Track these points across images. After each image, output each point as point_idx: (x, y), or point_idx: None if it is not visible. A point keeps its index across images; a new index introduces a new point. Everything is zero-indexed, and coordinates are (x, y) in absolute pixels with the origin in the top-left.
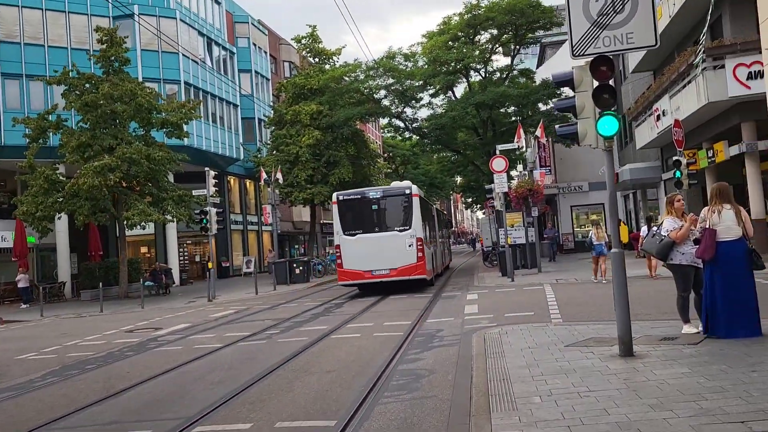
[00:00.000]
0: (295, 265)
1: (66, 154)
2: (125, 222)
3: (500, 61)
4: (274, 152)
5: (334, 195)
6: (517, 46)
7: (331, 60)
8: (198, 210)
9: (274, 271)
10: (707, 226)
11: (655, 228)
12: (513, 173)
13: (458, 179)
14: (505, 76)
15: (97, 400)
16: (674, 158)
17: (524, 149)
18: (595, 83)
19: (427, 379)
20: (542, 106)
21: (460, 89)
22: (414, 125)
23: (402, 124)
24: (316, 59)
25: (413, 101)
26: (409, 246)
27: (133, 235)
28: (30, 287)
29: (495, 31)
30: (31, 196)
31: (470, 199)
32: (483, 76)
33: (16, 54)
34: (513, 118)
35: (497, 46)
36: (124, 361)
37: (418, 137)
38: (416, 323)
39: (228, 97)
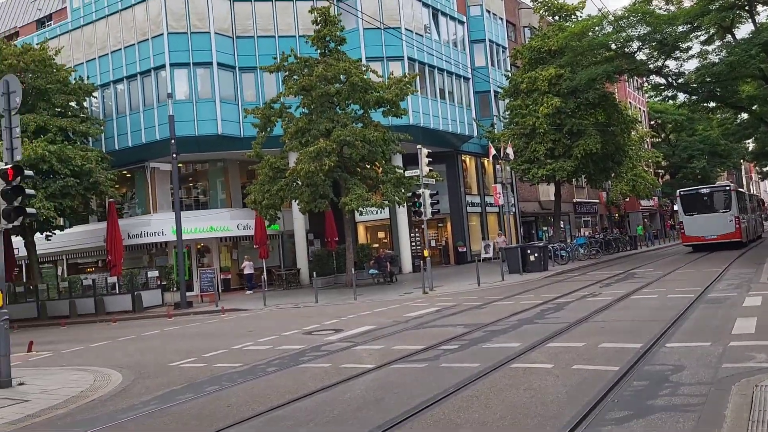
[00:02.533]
0: (529, 252)
1: (285, 141)
2: (344, 208)
3: None
4: (511, 126)
5: (678, 191)
6: None
7: (572, 16)
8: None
9: (506, 259)
10: None
11: None
12: None
13: (750, 145)
14: None
15: None
16: None
17: None
18: None
19: None
20: None
21: (743, 31)
22: (679, 81)
23: (663, 81)
24: (556, 17)
25: (677, 51)
26: (729, 221)
27: (369, 220)
28: (254, 274)
29: None
30: (259, 184)
31: (766, 168)
32: None
33: (251, 47)
34: None
35: None
36: (249, 383)
37: (685, 95)
38: (647, 350)
39: (458, 70)
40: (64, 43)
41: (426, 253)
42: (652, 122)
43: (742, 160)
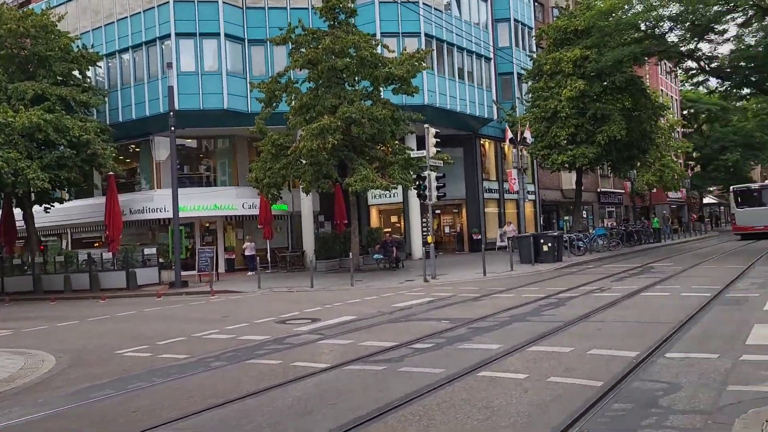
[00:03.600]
0: (542, 241)
1: (289, 118)
2: (348, 189)
3: None
4: (533, 109)
5: (731, 188)
6: None
7: None
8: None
9: (518, 248)
10: None
11: None
12: None
13: None
14: None
15: None
16: None
17: None
18: None
19: None
20: None
21: None
22: (712, 65)
23: (695, 65)
24: None
25: (711, 33)
26: None
27: (383, 203)
28: (255, 255)
29: None
30: (261, 162)
31: None
32: None
33: (261, 19)
34: None
35: None
36: (181, 380)
37: (718, 80)
38: (642, 360)
39: (479, 49)
40: (71, 10)
41: (430, 239)
42: (685, 112)
43: None
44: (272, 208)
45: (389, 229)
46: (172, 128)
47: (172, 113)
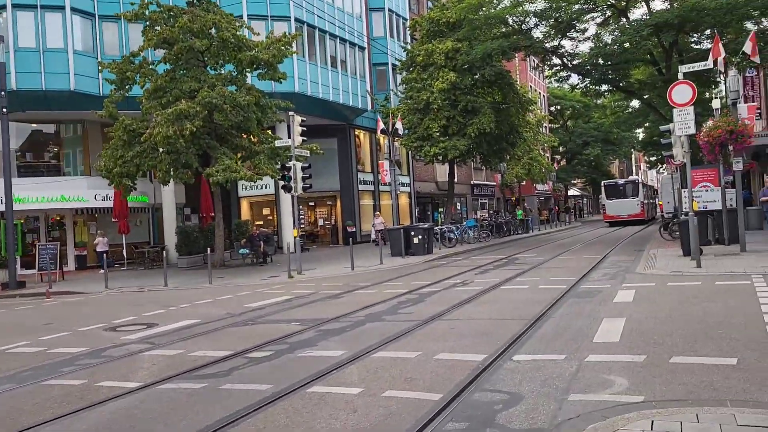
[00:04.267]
0: (413, 234)
1: (143, 101)
2: (210, 179)
3: None
4: (407, 101)
5: (603, 182)
6: None
7: None
8: (280, 165)
9: (389, 241)
10: None
11: None
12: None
13: (640, 134)
14: None
15: None
16: None
17: (720, 73)
18: None
19: None
20: (751, 26)
21: (636, 15)
22: (574, 62)
23: (559, 61)
24: None
25: (572, 31)
26: (636, 205)
27: (253, 195)
28: (108, 251)
29: None
30: (111, 149)
31: (653, 158)
32: None
33: None
34: (708, 45)
35: None
36: None
37: (579, 77)
38: (488, 365)
39: (353, 38)
40: None
41: (295, 232)
42: (552, 108)
43: (632, 149)
44: (129, 200)
45: (261, 222)
46: (4, 110)
47: (3, 93)
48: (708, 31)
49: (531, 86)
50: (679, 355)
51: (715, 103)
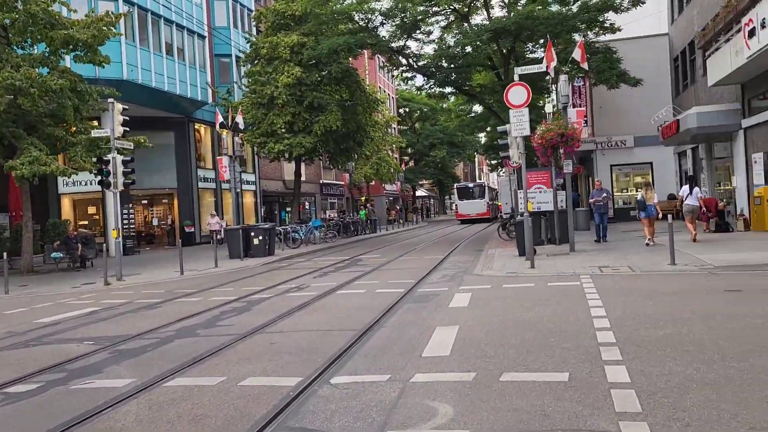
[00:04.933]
0: (253, 234)
1: None
2: (13, 173)
3: None
4: (251, 94)
5: (455, 185)
6: None
7: None
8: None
9: (228, 242)
10: None
11: None
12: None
13: (482, 138)
14: None
15: None
16: None
17: (552, 78)
18: None
19: None
20: (578, 38)
21: (477, 20)
22: (420, 63)
23: (405, 62)
24: None
25: (417, 32)
26: (483, 205)
27: (77, 192)
28: None
29: None
30: None
31: (494, 161)
32: (506, 2)
33: None
34: (542, 54)
35: None
36: None
37: (424, 78)
38: (298, 393)
39: (192, 26)
40: None
41: (114, 234)
42: (401, 110)
43: (476, 152)
44: None
45: (86, 222)
46: None
47: None
48: (542, 41)
49: (380, 87)
50: (510, 371)
51: (548, 108)
